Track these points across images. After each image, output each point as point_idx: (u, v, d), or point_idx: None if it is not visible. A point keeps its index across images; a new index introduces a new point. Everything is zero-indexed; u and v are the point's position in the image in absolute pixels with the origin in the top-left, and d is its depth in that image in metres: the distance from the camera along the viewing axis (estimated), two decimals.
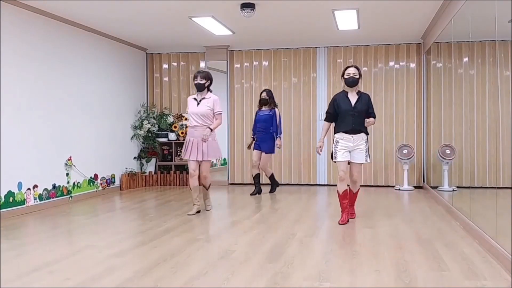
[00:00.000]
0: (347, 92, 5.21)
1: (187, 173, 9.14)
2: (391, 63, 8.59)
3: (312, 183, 8.84)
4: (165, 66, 9.40)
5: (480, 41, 4.92)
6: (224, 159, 9.37)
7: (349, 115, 5.10)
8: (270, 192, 7.75)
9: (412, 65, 8.53)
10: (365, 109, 5.16)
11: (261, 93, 7.53)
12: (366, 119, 5.15)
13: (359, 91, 5.23)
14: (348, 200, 5.25)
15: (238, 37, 8.08)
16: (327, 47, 8.75)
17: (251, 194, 7.54)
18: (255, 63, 9.06)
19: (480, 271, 3.44)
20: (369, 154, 5.22)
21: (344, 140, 5.13)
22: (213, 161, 9.45)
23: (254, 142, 7.55)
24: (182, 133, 9.01)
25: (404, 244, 4.25)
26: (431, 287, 3.12)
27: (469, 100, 5.15)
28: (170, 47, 9.08)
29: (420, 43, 8.45)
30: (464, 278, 3.29)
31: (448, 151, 6.50)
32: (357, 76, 5.14)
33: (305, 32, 7.71)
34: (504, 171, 4.12)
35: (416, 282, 3.20)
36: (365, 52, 8.65)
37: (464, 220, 4.97)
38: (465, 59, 5.38)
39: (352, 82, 5.14)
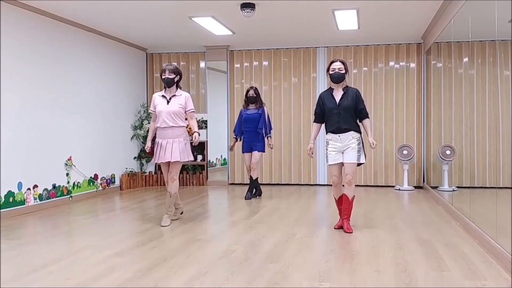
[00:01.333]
0: (332, 89, 4.92)
1: (187, 173, 9.16)
2: (391, 63, 8.59)
3: (312, 183, 8.84)
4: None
5: (480, 41, 4.91)
6: (224, 159, 9.38)
7: (334, 114, 4.79)
8: (254, 196, 7.30)
9: (412, 65, 8.53)
10: (353, 105, 4.80)
11: (248, 91, 7.17)
12: (365, 129, 4.85)
13: (346, 87, 4.89)
14: (343, 207, 4.87)
15: (238, 37, 8.08)
16: (327, 47, 8.75)
17: (252, 197, 7.29)
18: (255, 63, 9.06)
19: (480, 271, 3.44)
20: (364, 154, 4.85)
21: (333, 141, 4.82)
22: (213, 161, 9.47)
23: (236, 142, 7.37)
24: None
25: (404, 244, 4.25)
26: (431, 287, 3.12)
27: (469, 100, 5.14)
28: (170, 47, 9.08)
29: (420, 43, 8.45)
30: (464, 278, 3.29)
31: (448, 152, 6.50)
32: (343, 71, 4.80)
33: (305, 32, 7.71)
34: (504, 171, 4.11)
35: (416, 282, 3.20)
36: (365, 52, 8.65)
37: (464, 220, 4.97)
38: (465, 59, 5.38)
39: (337, 78, 4.82)
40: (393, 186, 8.47)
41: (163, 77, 5.21)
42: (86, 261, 3.77)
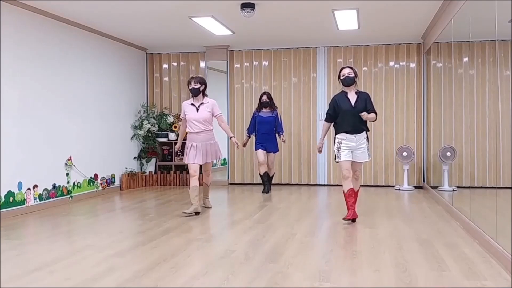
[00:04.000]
0: (346, 92, 5.30)
1: (187, 173, 9.17)
2: (391, 63, 8.59)
3: (312, 183, 8.84)
4: (165, 66, 9.39)
5: (480, 41, 4.92)
6: (224, 159, 9.38)
7: (350, 115, 5.18)
8: (266, 191, 7.74)
9: (412, 65, 8.53)
10: (365, 108, 5.20)
11: (262, 96, 7.75)
12: (366, 114, 5.14)
13: (357, 91, 5.31)
14: (354, 198, 5.25)
15: (238, 37, 8.08)
16: (327, 47, 8.75)
17: (263, 192, 7.71)
18: (255, 63, 9.06)
19: (480, 271, 3.44)
20: (369, 151, 5.36)
21: (347, 140, 5.20)
22: (213, 161, 9.47)
23: (248, 140, 7.94)
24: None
25: (404, 244, 4.25)
26: (431, 287, 3.12)
27: (469, 100, 5.15)
28: (170, 47, 9.07)
29: (420, 43, 8.45)
30: (464, 278, 3.29)
31: (449, 154, 6.49)
32: (352, 75, 5.21)
33: (305, 32, 7.71)
34: (504, 171, 4.12)
35: (416, 282, 3.20)
36: (365, 52, 8.64)
37: (464, 220, 4.97)
38: (465, 59, 5.39)
39: (349, 81, 5.22)
40: (393, 186, 8.47)
41: (190, 87, 5.84)
42: (86, 261, 3.77)
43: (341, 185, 5.35)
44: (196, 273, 3.42)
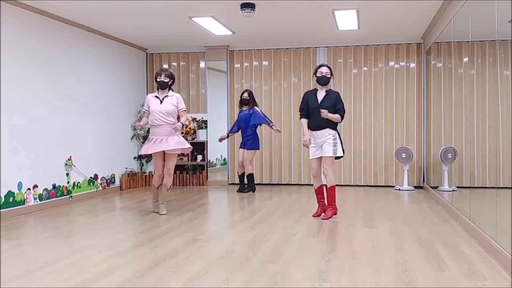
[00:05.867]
0: (317, 90, 5.44)
1: (187, 173, 9.17)
2: (391, 63, 8.59)
3: (312, 183, 8.80)
4: (165, 66, 9.39)
5: (480, 41, 4.91)
6: (224, 159, 9.38)
7: (315, 113, 5.30)
8: (239, 191, 7.91)
9: (412, 65, 8.53)
10: (331, 106, 5.29)
11: (242, 93, 7.90)
12: (326, 112, 5.24)
13: (329, 90, 5.41)
14: (322, 195, 5.54)
15: (238, 37, 8.08)
16: (327, 47, 8.75)
17: (243, 191, 7.83)
18: (255, 63, 9.06)
19: (480, 271, 3.44)
20: (342, 148, 5.35)
21: (313, 137, 5.38)
22: (213, 161, 9.47)
23: (224, 138, 8.12)
24: (181, 133, 9.00)
25: (404, 244, 4.25)
26: (431, 287, 3.12)
27: (469, 100, 5.14)
28: (170, 47, 9.07)
29: (420, 43, 8.45)
30: (464, 278, 3.29)
31: (450, 155, 6.49)
32: (329, 76, 5.34)
33: (305, 32, 7.71)
34: (504, 171, 4.11)
35: (416, 282, 3.20)
36: (365, 52, 8.65)
37: (464, 220, 4.97)
38: (465, 59, 5.38)
39: (324, 81, 5.34)
40: (393, 186, 8.47)
41: (158, 79, 5.73)
42: (86, 261, 3.77)
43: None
44: (196, 273, 3.42)
